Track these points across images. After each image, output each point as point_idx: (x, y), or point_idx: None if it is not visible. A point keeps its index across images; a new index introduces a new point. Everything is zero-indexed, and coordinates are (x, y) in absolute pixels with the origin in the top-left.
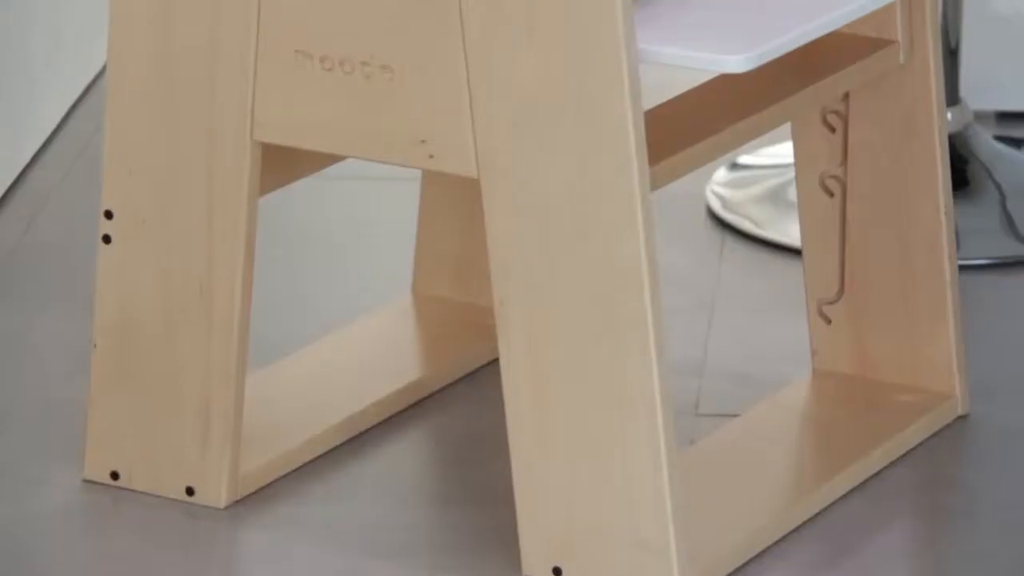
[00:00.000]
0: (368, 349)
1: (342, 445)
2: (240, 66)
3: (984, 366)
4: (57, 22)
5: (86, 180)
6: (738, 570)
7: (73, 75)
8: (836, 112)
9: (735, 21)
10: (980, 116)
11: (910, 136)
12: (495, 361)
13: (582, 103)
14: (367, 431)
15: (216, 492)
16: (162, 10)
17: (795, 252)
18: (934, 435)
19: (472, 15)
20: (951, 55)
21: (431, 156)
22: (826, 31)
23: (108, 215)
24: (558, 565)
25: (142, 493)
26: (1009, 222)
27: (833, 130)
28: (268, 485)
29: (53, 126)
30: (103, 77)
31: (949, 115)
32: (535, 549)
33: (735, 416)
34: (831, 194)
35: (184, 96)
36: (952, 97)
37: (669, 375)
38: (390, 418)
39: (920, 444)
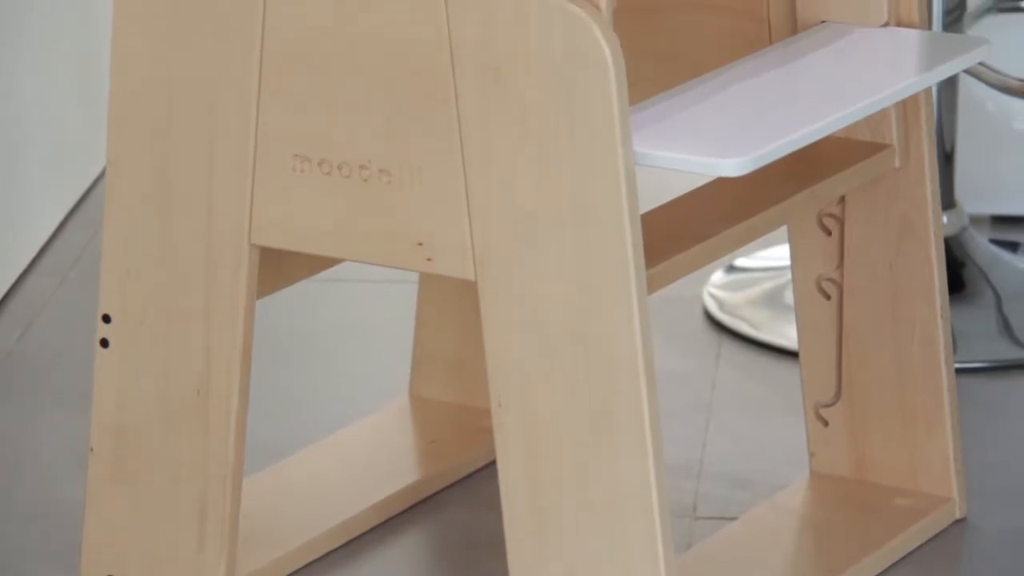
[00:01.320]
0: (365, 452)
1: (339, 548)
2: (238, 170)
3: (981, 469)
4: (56, 128)
5: (83, 287)
6: None
7: (70, 182)
8: (832, 215)
9: (731, 124)
10: (976, 219)
11: (906, 239)
12: (492, 463)
13: (579, 206)
14: (364, 534)
15: None
16: (161, 114)
17: (792, 354)
18: (932, 539)
19: (469, 119)
20: (946, 159)
21: (429, 259)
22: (822, 135)
23: (106, 319)
24: None
25: None
26: (1005, 325)
27: (829, 233)
28: None
29: (50, 232)
30: (100, 183)
31: (945, 218)
32: None
33: (733, 519)
34: (828, 297)
35: (182, 199)
36: (948, 200)
37: (666, 478)
38: (387, 521)
39: (918, 548)
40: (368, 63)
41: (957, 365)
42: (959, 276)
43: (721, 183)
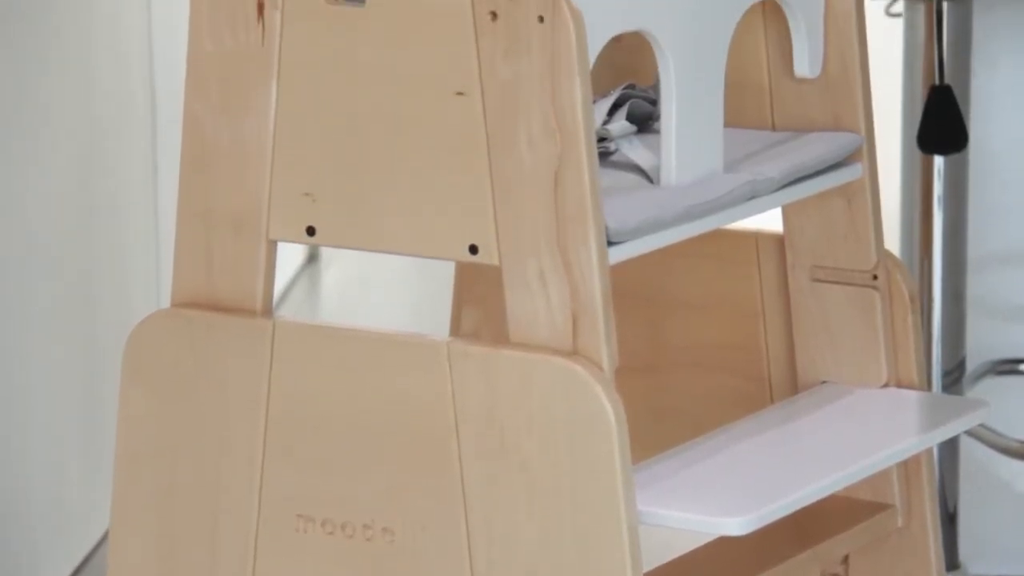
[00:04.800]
0: None
1: None
2: (242, 532)
3: None
4: (58, 488)
5: None
6: None
7: (73, 544)
8: (835, 575)
9: (734, 483)
10: None
11: None
12: None
13: (582, 565)
14: None
15: None
16: (165, 476)
17: None
18: None
19: (472, 478)
20: (949, 519)
21: None
22: (824, 495)
23: None
24: None
25: None
26: None
27: None
28: None
29: None
30: (104, 545)
31: None
32: None
33: None
34: None
35: (185, 562)
36: (951, 561)
37: None
38: None
39: None
40: (371, 423)
41: None
42: None
43: (724, 541)
